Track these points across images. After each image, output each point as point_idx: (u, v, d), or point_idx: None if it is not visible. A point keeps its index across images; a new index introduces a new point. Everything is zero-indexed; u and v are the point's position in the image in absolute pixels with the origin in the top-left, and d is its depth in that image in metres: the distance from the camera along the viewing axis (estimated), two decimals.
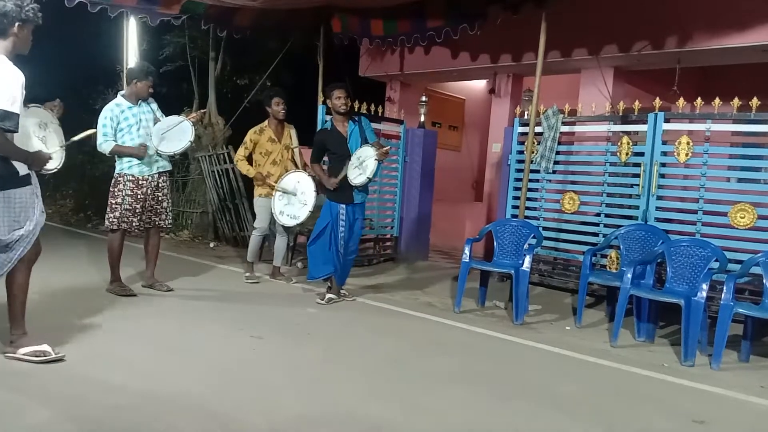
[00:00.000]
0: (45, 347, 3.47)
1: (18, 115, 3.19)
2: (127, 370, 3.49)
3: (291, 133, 6.33)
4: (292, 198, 5.70)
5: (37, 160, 3.43)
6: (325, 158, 5.63)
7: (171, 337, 4.19)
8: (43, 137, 3.68)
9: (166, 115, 5.43)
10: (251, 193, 6.51)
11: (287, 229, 6.36)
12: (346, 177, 5.22)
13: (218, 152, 9.16)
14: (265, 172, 6.11)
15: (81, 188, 11.55)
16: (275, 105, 6.15)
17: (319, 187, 5.61)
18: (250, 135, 6.19)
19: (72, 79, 11.70)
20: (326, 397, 3.32)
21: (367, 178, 5.16)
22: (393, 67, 9.65)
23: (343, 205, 5.35)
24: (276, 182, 5.94)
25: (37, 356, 3.42)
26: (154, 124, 5.29)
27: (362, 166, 5.19)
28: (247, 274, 6.24)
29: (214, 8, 6.85)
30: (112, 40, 8.87)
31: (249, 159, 6.23)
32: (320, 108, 7.31)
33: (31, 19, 3.37)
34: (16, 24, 3.31)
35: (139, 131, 5.23)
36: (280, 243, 6.37)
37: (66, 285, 5.06)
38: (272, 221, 6.25)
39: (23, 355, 3.42)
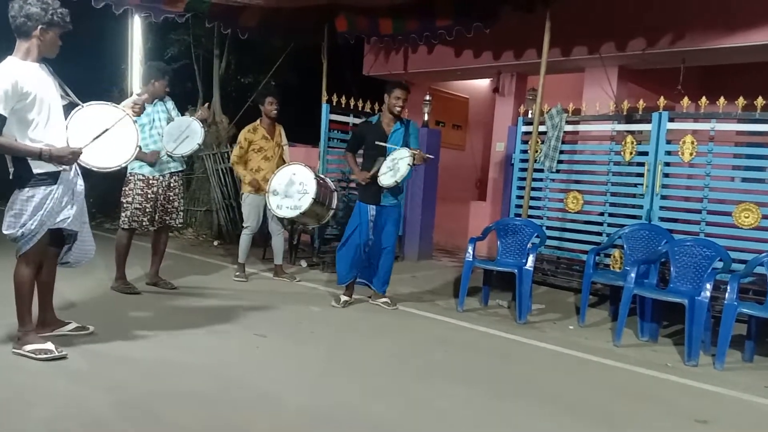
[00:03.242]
0: (48, 345, 3.50)
1: None
2: (130, 368, 3.50)
3: (281, 132, 6.40)
4: (289, 190, 5.67)
5: (55, 156, 3.32)
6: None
7: (174, 335, 4.20)
8: (106, 131, 3.55)
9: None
10: None
11: (285, 226, 6.37)
12: (376, 176, 5.09)
13: (222, 151, 9.18)
14: (255, 166, 6.18)
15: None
16: (268, 104, 6.21)
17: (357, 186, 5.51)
18: (244, 134, 6.22)
19: (76, 77, 11.74)
20: (329, 395, 3.33)
21: (395, 181, 4.96)
22: (397, 67, 9.64)
23: (372, 206, 5.23)
24: (265, 177, 5.99)
25: (40, 354, 3.45)
26: (168, 123, 5.32)
27: (395, 167, 5.02)
28: (237, 273, 6.27)
29: (218, 6, 6.86)
30: (117, 39, 8.91)
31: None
32: (324, 106, 7.31)
33: (56, 23, 3.41)
34: (39, 27, 3.35)
35: (151, 131, 5.27)
36: (278, 241, 6.39)
37: (69, 282, 5.06)
38: (264, 222, 6.27)
39: (28, 352, 3.46)
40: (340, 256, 5.38)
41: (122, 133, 3.62)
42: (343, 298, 5.39)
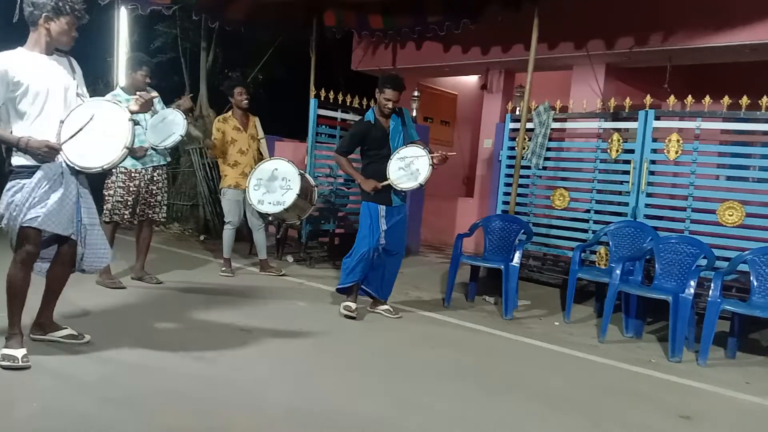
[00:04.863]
0: (18, 352, 3.26)
1: None
2: (114, 364, 3.47)
3: (256, 123, 6.31)
4: (271, 185, 5.62)
5: (30, 147, 3.19)
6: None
7: (159, 331, 4.17)
8: (84, 127, 3.31)
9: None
10: None
11: (268, 221, 6.34)
12: (387, 184, 4.70)
13: (208, 145, 9.11)
14: (232, 161, 6.12)
15: None
16: (237, 95, 6.13)
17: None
18: (216, 124, 6.20)
19: None
20: (315, 392, 3.32)
21: (420, 184, 4.65)
22: (385, 62, 9.63)
23: (383, 207, 4.79)
24: (243, 172, 5.98)
25: (4, 360, 3.22)
26: (152, 115, 5.26)
27: (410, 168, 4.66)
28: (223, 268, 6.23)
29: None
30: (103, 31, 8.80)
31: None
32: (312, 101, 7.28)
33: (63, 11, 3.28)
34: (43, 15, 3.27)
35: (135, 124, 5.21)
36: (259, 236, 6.35)
37: None
38: (245, 217, 6.24)
39: (1, 354, 3.27)
40: (347, 263, 4.85)
41: (113, 132, 3.36)
42: (353, 305, 4.87)
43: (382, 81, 4.78)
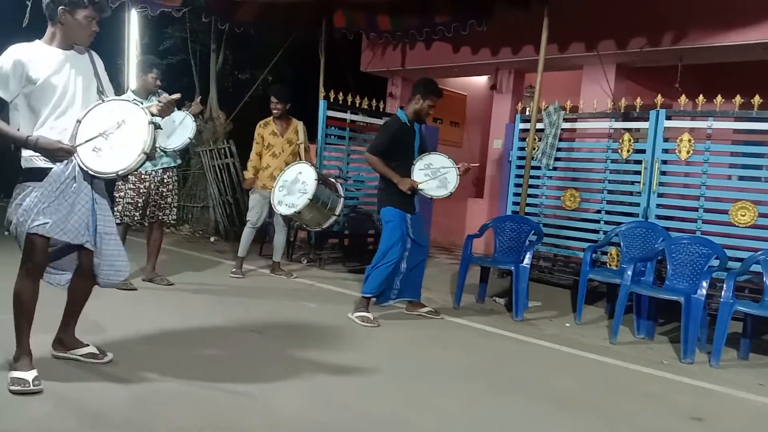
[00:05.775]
0: (29, 375, 3.02)
1: None
2: (126, 365, 3.48)
3: (298, 129, 6.36)
4: (293, 188, 5.66)
5: (41, 147, 2.96)
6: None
7: (170, 332, 4.19)
8: (104, 133, 3.06)
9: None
10: None
11: (287, 223, 6.37)
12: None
13: (219, 147, 9.15)
14: (264, 163, 6.21)
15: None
16: (270, 103, 6.26)
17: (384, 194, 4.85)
18: (257, 129, 6.32)
19: None
20: (324, 394, 3.32)
21: (450, 193, 4.75)
22: (394, 63, 9.63)
23: (410, 216, 4.80)
24: (272, 174, 6.03)
25: (14, 385, 2.98)
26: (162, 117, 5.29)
27: (437, 175, 4.72)
28: (234, 269, 6.25)
29: (215, 1, 6.85)
30: (113, 34, 8.87)
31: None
32: (321, 103, 7.29)
33: (82, 4, 3.04)
34: (60, 8, 3.06)
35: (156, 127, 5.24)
36: (279, 238, 6.39)
37: None
38: (271, 216, 6.27)
39: (10, 377, 3.04)
40: (376, 274, 4.75)
41: (132, 137, 3.08)
42: (371, 315, 4.78)
43: (425, 89, 4.78)
